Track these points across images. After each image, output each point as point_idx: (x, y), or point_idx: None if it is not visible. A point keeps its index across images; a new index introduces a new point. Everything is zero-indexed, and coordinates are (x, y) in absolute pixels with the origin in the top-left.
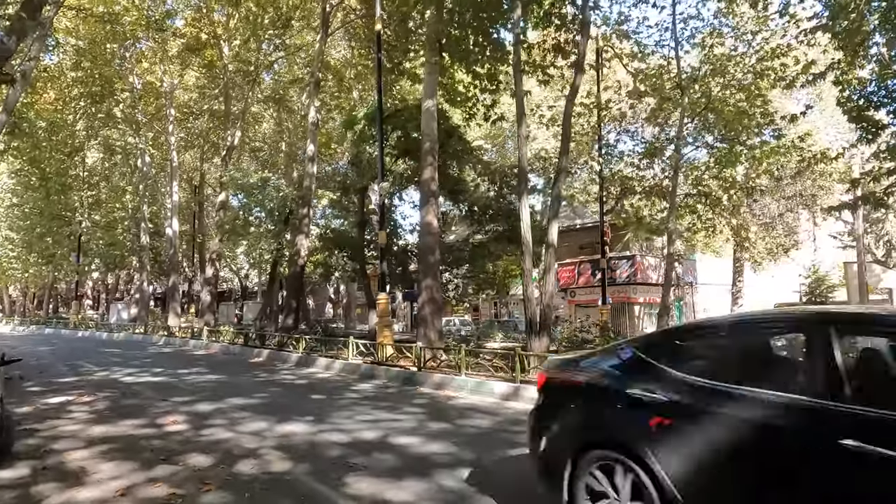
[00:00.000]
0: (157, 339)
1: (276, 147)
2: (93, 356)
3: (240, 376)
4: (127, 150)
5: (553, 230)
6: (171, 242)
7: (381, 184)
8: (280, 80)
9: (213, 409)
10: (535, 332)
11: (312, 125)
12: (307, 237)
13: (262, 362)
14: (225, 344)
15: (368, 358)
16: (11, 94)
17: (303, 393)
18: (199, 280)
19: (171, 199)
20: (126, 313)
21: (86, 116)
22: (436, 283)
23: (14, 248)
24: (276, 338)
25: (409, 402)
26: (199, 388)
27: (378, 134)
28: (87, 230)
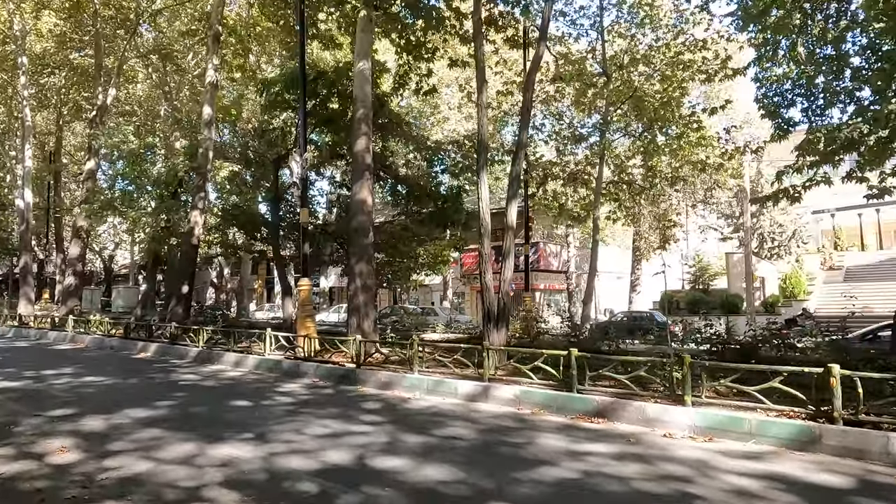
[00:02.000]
0: (3, 330)
1: (153, 111)
2: None
3: (128, 377)
4: None
5: (512, 211)
6: (23, 216)
7: (304, 155)
8: (163, 33)
9: (110, 426)
10: (494, 324)
11: (210, 85)
12: (202, 213)
13: (150, 358)
14: (99, 336)
15: (290, 353)
16: None
17: (220, 397)
18: (55, 261)
19: (24, 165)
20: None
21: None
22: (370, 267)
23: None
24: (168, 329)
25: (359, 406)
26: (81, 395)
27: (301, 99)
28: None
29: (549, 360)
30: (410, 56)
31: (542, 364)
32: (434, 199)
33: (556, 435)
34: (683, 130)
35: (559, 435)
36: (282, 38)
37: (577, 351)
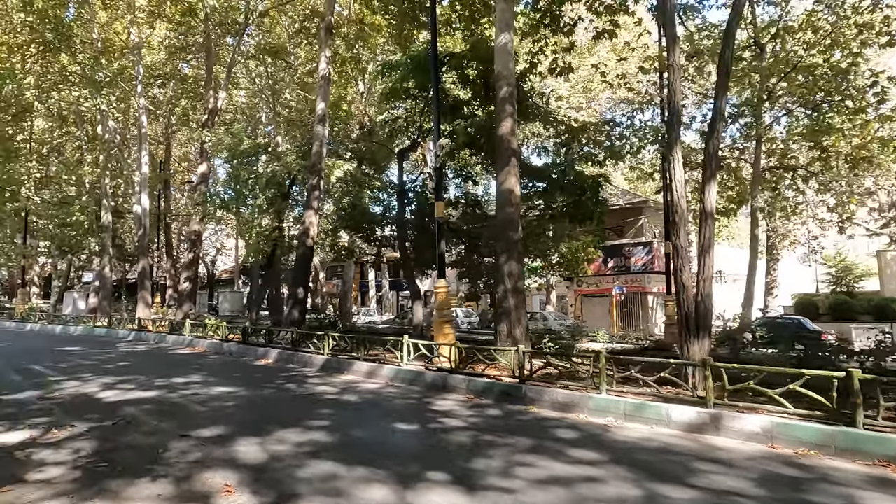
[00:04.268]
0: (124, 333)
1: (254, 116)
2: (50, 357)
3: (260, 388)
4: (83, 116)
5: (711, 194)
6: (140, 221)
7: (439, 142)
8: (270, 31)
9: (269, 455)
10: (693, 332)
11: (323, 79)
12: (317, 213)
13: (273, 366)
14: (216, 341)
15: (430, 363)
16: None
17: (374, 418)
18: (165, 266)
19: (140, 170)
20: (83, 303)
21: (36, 71)
22: (520, 266)
23: None
24: (289, 335)
25: (553, 436)
26: (220, 410)
27: (433, 81)
28: (36, 207)
29: (809, 382)
30: (548, 30)
31: (799, 388)
32: (569, 191)
33: (879, 494)
34: (861, 105)
35: (883, 494)
36: (390, 31)
37: (860, 372)
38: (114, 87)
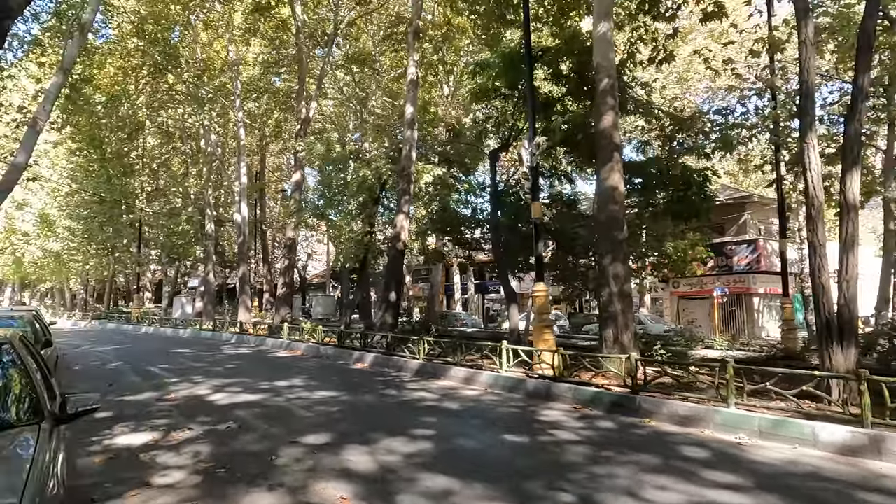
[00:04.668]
0: (227, 336)
1: (342, 125)
2: (164, 359)
3: (360, 393)
4: (187, 132)
5: (853, 184)
6: (240, 229)
7: (535, 140)
8: (357, 41)
9: (379, 465)
10: (836, 340)
11: (411, 83)
12: (408, 217)
13: (369, 370)
14: (313, 344)
15: (530, 370)
16: (69, 50)
17: (478, 427)
18: (262, 272)
19: (239, 181)
20: (190, 307)
21: (147, 91)
22: (626, 268)
23: (75, 239)
24: (385, 339)
25: (679, 454)
26: (325, 415)
27: (527, 78)
28: (148, 218)
29: None
30: (648, 16)
31: None
32: (672, 186)
33: None
34: None
35: None
36: (475, 32)
37: None
38: (214, 103)
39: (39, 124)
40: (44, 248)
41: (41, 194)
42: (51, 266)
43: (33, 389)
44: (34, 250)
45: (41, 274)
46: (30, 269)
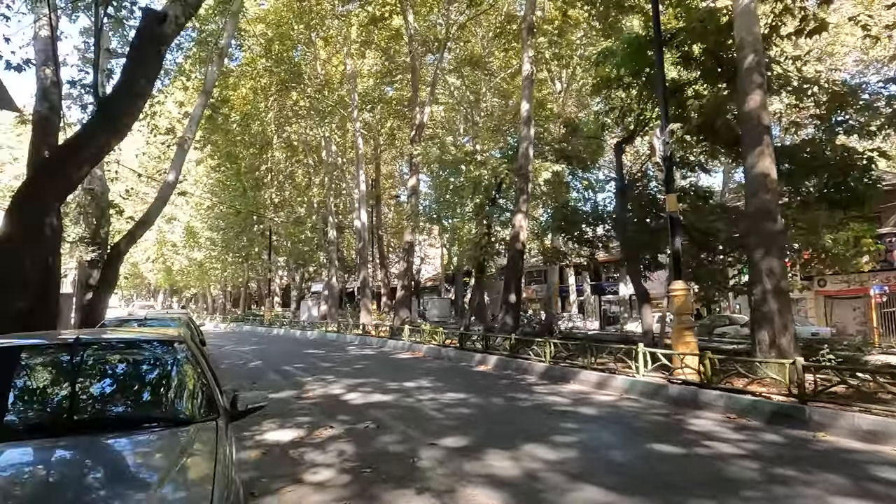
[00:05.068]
0: (350, 338)
1: (452, 128)
2: (297, 359)
3: (489, 396)
4: (310, 144)
5: None
6: (360, 235)
7: (668, 127)
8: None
9: (524, 472)
10: None
11: (526, 80)
12: (526, 216)
13: (493, 372)
14: (434, 346)
15: (670, 374)
16: (209, 74)
17: (624, 435)
18: (379, 275)
19: (358, 188)
20: (315, 310)
21: (274, 108)
22: (781, 263)
23: (215, 248)
24: (508, 340)
25: (873, 475)
26: (457, 418)
27: (657, 59)
28: (276, 227)
29: None
30: None
31: None
32: (830, 171)
33: None
34: None
35: None
36: (590, 23)
37: None
38: (334, 116)
39: (187, 144)
40: (189, 258)
41: (186, 208)
42: (195, 273)
43: (208, 386)
44: (181, 259)
45: (187, 281)
46: (177, 276)
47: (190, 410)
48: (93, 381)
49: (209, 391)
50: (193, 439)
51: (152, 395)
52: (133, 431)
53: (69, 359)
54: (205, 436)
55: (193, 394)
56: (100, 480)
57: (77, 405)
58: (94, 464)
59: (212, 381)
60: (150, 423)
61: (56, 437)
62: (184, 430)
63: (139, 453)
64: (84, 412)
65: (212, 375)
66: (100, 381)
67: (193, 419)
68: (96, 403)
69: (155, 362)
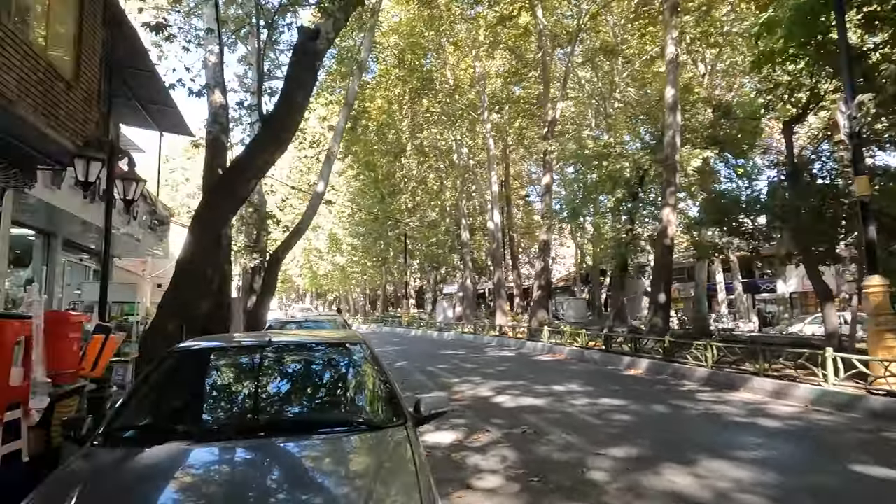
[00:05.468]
0: (487, 339)
1: (583, 122)
2: (439, 360)
3: (648, 402)
4: (440, 149)
5: None
6: (493, 236)
7: (857, 99)
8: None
9: (712, 490)
10: None
11: (670, 64)
12: (674, 210)
13: (645, 377)
14: (575, 348)
15: (866, 384)
16: (350, 88)
17: (826, 456)
18: (511, 276)
19: (490, 189)
20: (451, 312)
21: (408, 115)
22: None
23: (356, 253)
24: (661, 342)
25: None
26: (619, 426)
27: (838, 21)
28: (412, 231)
29: None
30: None
31: None
32: None
33: None
34: None
35: None
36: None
37: None
38: (464, 119)
39: (333, 156)
40: (333, 263)
41: (329, 217)
42: (337, 277)
43: (393, 390)
44: (325, 265)
45: (330, 285)
46: (322, 280)
47: (380, 415)
48: (287, 383)
49: (394, 395)
50: (389, 445)
51: (343, 399)
52: (327, 435)
53: (261, 361)
54: (399, 442)
55: (381, 398)
56: (305, 485)
57: (271, 407)
58: (296, 468)
59: (395, 385)
60: (343, 427)
61: (250, 439)
62: (376, 436)
63: (338, 458)
64: (279, 414)
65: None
66: (293, 383)
67: (384, 424)
68: (290, 405)
69: (342, 365)
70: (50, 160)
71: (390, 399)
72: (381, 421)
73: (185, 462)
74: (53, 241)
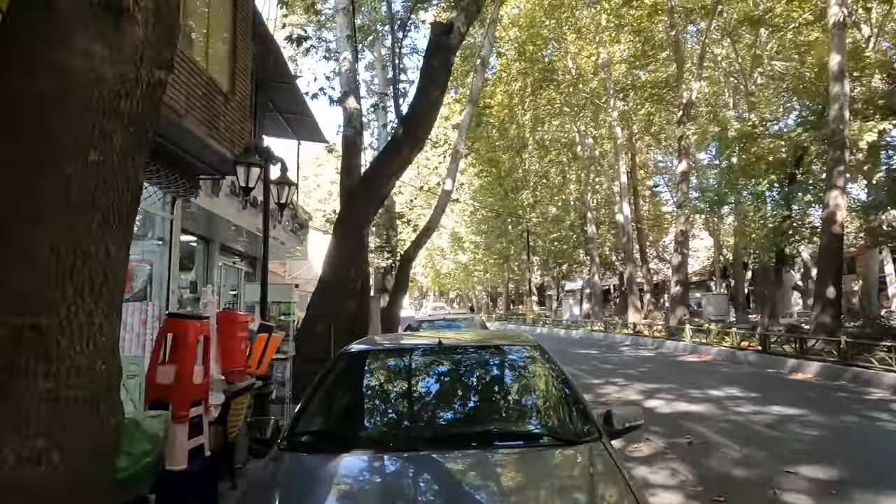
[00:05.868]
0: (620, 337)
1: (719, 102)
2: (574, 359)
3: (832, 412)
4: (562, 141)
5: None
6: (623, 229)
7: None
8: (740, 1)
9: None
10: None
11: (835, 27)
12: (843, 192)
13: (815, 382)
14: (725, 348)
15: None
16: (474, 84)
17: None
18: (641, 273)
19: (619, 180)
20: (577, 309)
21: (531, 109)
22: None
23: (478, 251)
24: (836, 343)
25: None
26: (801, 438)
27: None
28: (534, 227)
29: None
30: None
31: None
32: None
33: None
34: None
35: None
36: None
37: None
38: (588, 109)
39: (459, 153)
40: (455, 261)
41: (452, 215)
42: (460, 276)
43: (580, 399)
44: (448, 263)
45: (452, 283)
46: (444, 279)
47: (572, 428)
48: (468, 390)
49: (583, 405)
50: (593, 462)
51: (530, 409)
52: (525, 448)
53: (433, 364)
54: (602, 458)
55: (569, 408)
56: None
57: (459, 416)
58: (503, 483)
59: (580, 394)
60: (535, 440)
61: (445, 451)
62: (577, 451)
63: (544, 475)
64: (470, 425)
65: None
66: (475, 390)
67: (578, 438)
68: (478, 415)
69: (520, 370)
70: (211, 169)
71: (580, 410)
72: (573, 435)
73: (384, 472)
74: (211, 246)
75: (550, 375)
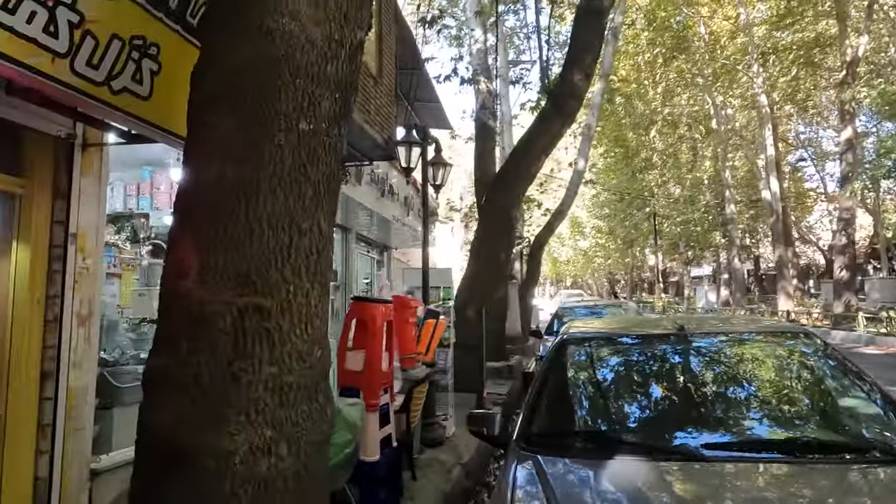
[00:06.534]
0: None
1: (879, 61)
2: None
3: None
4: (695, 117)
5: None
6: (771, 207)
7: None
8: None
9: None
10: None
11: None
12: None
13: None
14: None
15: None
16: (605, 57)
17: None
18: (787, 254)
19: (766, 153)
20: (713, 296)
21: (661, 81)
22: None
23: (601, 236)
24: None
25: None
26: None
27: None
28: (663, 209)
29: None
30: None
31: None
32: None
33: None
34: None
35: None
36: None
37: None
38: (724, 77)
39: (590, 131)
40: (574, 247)
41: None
42: (579, 262)
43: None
44: (567, 250)
45: (570, 270)
46: (562, 266)
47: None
48: (738, 387)
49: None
50: None
51: (841, 412)
52: (847, 462)
53: (686, 356)
54: None
55: (884, 414)
56: None
57: (741, 418)
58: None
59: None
60: (863, 452)
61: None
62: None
63: None
64: (767, 428)
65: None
66: (751, 388)
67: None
68: (776, 417)
69: (806, 365)
70: (358, 155)
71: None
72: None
73: (681, 486)
74: (348, 234)
75: (846, 374)
